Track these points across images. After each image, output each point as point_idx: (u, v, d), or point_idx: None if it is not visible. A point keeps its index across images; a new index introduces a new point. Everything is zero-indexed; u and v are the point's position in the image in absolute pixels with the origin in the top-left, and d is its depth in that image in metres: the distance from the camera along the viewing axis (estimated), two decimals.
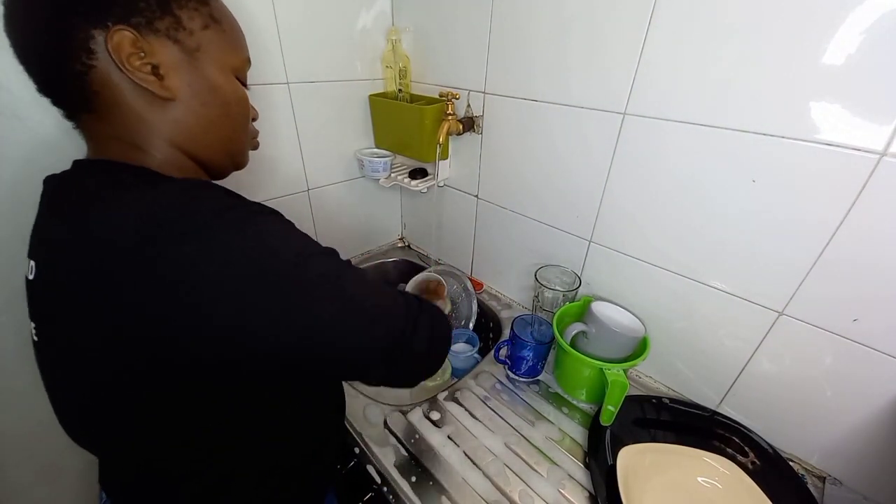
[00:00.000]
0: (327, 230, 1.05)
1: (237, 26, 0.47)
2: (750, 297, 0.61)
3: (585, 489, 0.59)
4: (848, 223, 0.50)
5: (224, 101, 0.44)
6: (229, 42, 0.44)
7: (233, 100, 0.45)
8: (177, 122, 0.42)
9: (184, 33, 0.40)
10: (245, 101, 0.48)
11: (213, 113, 0.44)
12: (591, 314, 0.69)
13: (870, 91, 0.45)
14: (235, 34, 0.46)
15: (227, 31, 0.44)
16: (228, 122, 0.46)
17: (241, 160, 0.51)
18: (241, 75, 0.47)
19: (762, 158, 0.54)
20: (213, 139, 0.45)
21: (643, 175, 0.66)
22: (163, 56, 0.39)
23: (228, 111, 0.45)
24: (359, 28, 0.89)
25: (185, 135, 0.43)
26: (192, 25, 0.40)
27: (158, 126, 0.41)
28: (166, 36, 0.39)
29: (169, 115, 0.41)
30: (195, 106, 0.42)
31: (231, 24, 0.45)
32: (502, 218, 0.92)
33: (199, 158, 0.45)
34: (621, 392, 0.61)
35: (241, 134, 0.48)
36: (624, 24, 0.60)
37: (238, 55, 0.46)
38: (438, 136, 0.83)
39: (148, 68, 0.38)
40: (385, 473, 0.61)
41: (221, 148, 0.47)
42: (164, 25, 0.38)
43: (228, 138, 0.47)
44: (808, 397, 0.60)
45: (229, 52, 0.44)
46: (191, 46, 0.40)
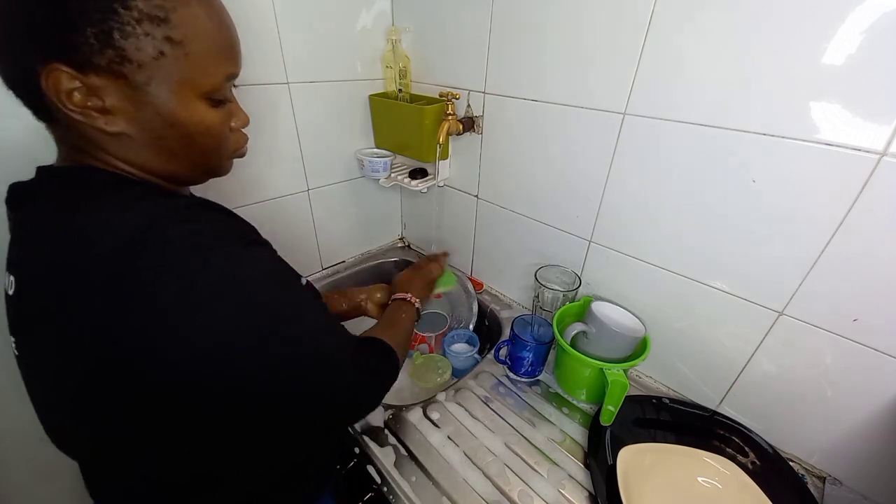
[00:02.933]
0: (327, 230, 1.05)
1: (214, 39, 0.39)
2: (750, 297, 0.61)
3: (585, 489, 0.59)
4: (848, 223, 0.50)
5: (184, 133, 0.40)
6: (197, 64, 0.38)
7: (196, 131, 0.40)
8: (132, 151, 0.39)
9: (130, 67, 0.34)
10: (215, 128, 0.42)
11: (173, 145, 0.40)
12: (592, 314, 0.69)
13: (870, 91, 0.45)
14: (209, 51, 0.38)
15: (193, 52, 0.37)
16: (194, 149, 0.42)
17: (218, 173, 0.47)
18: (217, 94, 0.41)
19: (762, 158, 0.54)
20: (176, 164, 0.42)
21: (643, 175, 0.66)
22: (107, 93, 0.35)
23: (191, 142, 0.41)
24: (359, 28, 0.89)
25: (143, 162, 0.40)
26: (141, 57, 0.35)
27: (114, 152, 0.39)
28: (108, 71, 0.34)
29: (122, 144, 0.38)
30: (150, 139, 0.39)
31: (203, 41, 0.38)
32: (502, 218, 0.92)
33: (164, 176, 0.42)
34: (621, 392, 0.61)
35: (210, 157, 0.44)
36: (624, 25, 0.60)
37: (210, 77, 0.39)
38: (438, 136, 0.83)
39: (92, 104, 0.35)
40: (385, 473, 0.61)
41: (188, 170, 0.43)
42: (105, 60, 0.34)
43: (194, 163, 0.43)
44: (809, 397, 0.60)
45: (197, 76, 0.38)
46: (139, 80, 0.35)
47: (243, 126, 0.46)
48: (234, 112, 0.45)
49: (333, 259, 1.11)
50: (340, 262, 1.13)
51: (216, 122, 0.42)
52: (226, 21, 0.41)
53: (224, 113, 0.43)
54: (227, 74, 0.41)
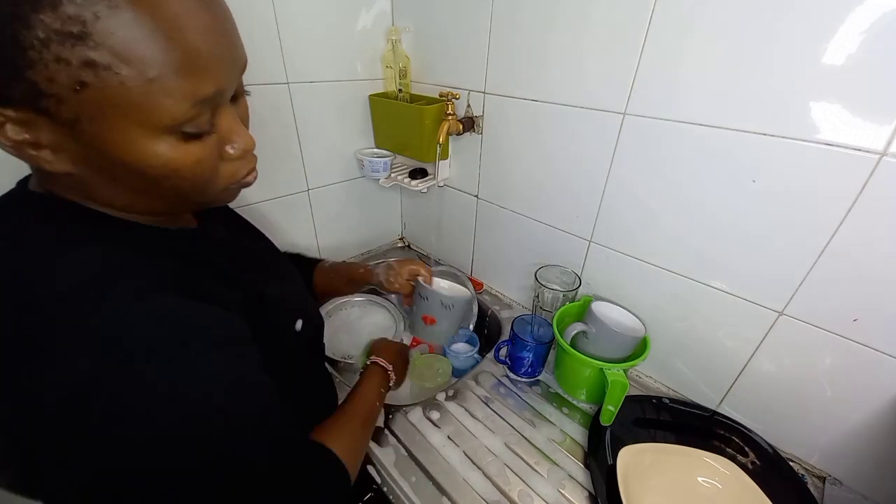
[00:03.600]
0: (327, 230, 1.05)
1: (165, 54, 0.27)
2: (750, 297, 0.61)
3: (585, 489, 0.59)
4: (848, 223, 0.50)
5: (142, 174, 0.31)
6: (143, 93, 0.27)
7: (160, 174, 0.31)
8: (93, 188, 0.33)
9: (48, 101, 0.26)
10: (187, 168, 0.32)
11: (132, 184, 0.32)
12: (592, 314, 0.69)
13: (870, 91, 0.45)
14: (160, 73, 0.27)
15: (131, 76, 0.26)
16: (164, 189, 0.33)
17: (213, 205, 0.39)
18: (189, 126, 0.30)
19: (762, 158, 0.54)
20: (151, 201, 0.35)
21: (643, 175, 0.66)
22: (36, 129, 0.28)
23: (160, 183, 0.32)
24: (359, 28, 0.89)
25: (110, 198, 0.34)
26: (56, 90, 0.26)
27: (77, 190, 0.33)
28: (29, 107, 0.27)
29: (78, 181, 0.32)
30: (103, 179, 0.32)
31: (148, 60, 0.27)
32: (502, 218, 0.92)
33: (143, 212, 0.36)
34: (621, 392, 0.61)
35: (191, 196, 0.35)
36: (624, 24, 0.60)
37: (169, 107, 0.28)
38: (438, 136, 0.83)
39: (22, 138, 0.28)
40: (385, 473, 0.61)
41: (167, 206, 0.36)
42: (20, 93, 0.26)
43: (171, 201, 0.35)
44: (808, 397, 0.60)
45: (145, 108, 0.28)
46: (67, 117, 0.27)
47: (245, 151, 0.36)
48: (228, 136, 0.35)
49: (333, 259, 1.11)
50: (340, 262, 1.12)
51: (186, 162, 0.31)
52: (190, 22, 0.28)
53: (205, 146, 0.33)
54: (196, 98, 0.29)
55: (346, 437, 0.50)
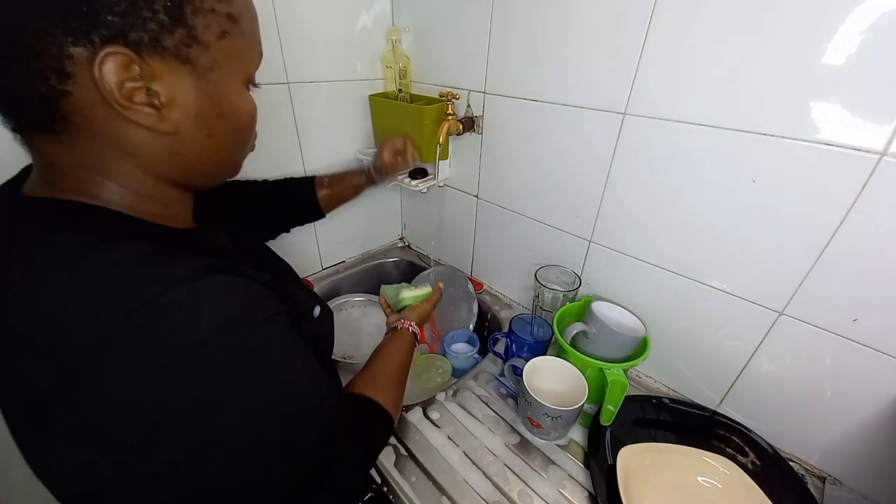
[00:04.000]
0: (327, 230, 1.05)
1: (254, 16, 0.37)
2: (750, 297, 0.61)
3: (585, 489, 0.59)
4: (848, 223, 0.50)
5: (236, 126, 0.36)
6: (248, 45, 0.35)
7: (245, 122, 0.37)
8: (172, 154, 0.34)
9: (197, 49, 0.30)
10: (255, 114, 0.39)
11: (219, 142, 0.36)
12: (592, 314, 0.69)
13: (870, 91, 0.45)
14: (254, 30, 0.36)
15: (245, 31, 0.34)
16: (236, 146, 0.38)
17: (236, 171, 0.43)
18: (253, 80, 0.39)
19: (762, 158, 0.54)
20: (214, 167, 0.38)
21: (643, 175, 0.66)
22: (168, 82, 0.30)
23: (239, 136, 0.38)
24: (359, 28, 0.89)
25: (180, 167, 0.35)
26: (208, 37, 0.31)
27: (146, 159, 0.33)
28: (175, 56, 0.29)
29: (163, 147, 0.33)
30: (200, 138, 0.34)
31: (251, 17, 0.36)
32: (502, 218, 0.92)
33: (190, 185, 0.38)
34: (621, 392, 0.61)
35: (244, 149, 0.41)
36: (624, 24, 0.60)
37: (255, 58, 0.37)
38: (438, 136, 0.83)
39: (144, 97, 0.29)
40: (385, 473, 0.61)
41: (220, 172, 0.40)
42: (174, 41, 0.29)
43: (231, 161, 0.40)
44: (808, 397, 0.60)
45: (247, 59, 0.36)
46: (204, 65, 0.31)
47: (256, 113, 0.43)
48: None
49: (333, 259, 1.11)
50: (340, 262, 1.13)
51: (255, 109, 0.38)
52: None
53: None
54: (260, 53, 0.38)
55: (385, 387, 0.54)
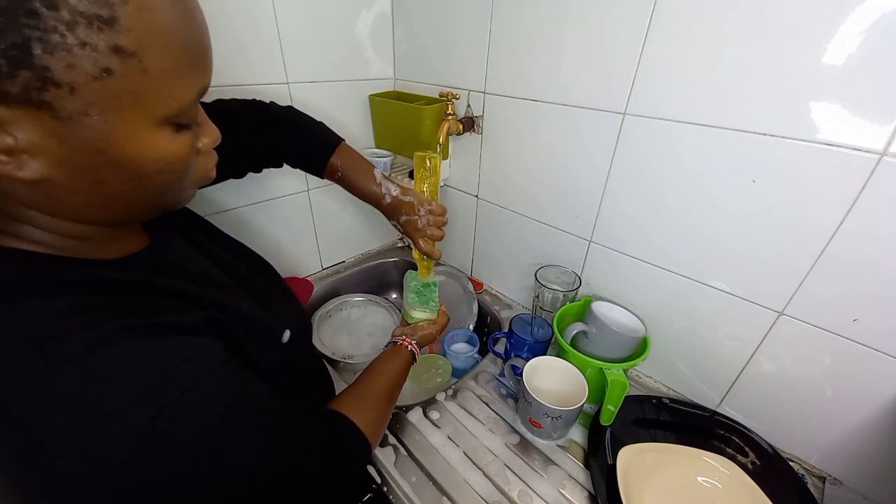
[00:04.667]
0: (327, 230, 1.05)
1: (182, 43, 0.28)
2: (750, 297, 0.61)
3: (585, 489, 0.59)
4: (848, 223, 0.50)
5: (135, 174, 0.30)
6: (160, 82, 0.28)
7: (154, 168, 0.30)
8: (56, 200, 0.29)
9: (56, 92, 0.24)
10: (179, 160, 0.32)
11: (115, 188, 0.30)
12: (592, 314, 0.69)
13: (870, 91, 0.45)
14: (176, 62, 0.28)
15: (153, 65, 0.27)
16: (146, 190, 0.32)
17: (177, 206, 0.37)
18: (184, 118, 0.31)
19: (762, 158, 0.54)
20: (119, 209, 0.32)
21: (643, 175, 0.66)
22: (22, 128, 0.25)
23: (144, 182, 0.31)
24: (359, 28, 0.89)
25: (72, 211, 0.31)
26: (74, 77, 0.24)
27: (31, 203, 0.29)
28: (24, 101, 0.24)
29: (41, 193, 0.28)
30: (82, 185, 0.29)
31: (168, 49, 0.27)
32: (502, 218, 0.92)
33: (100, 223, 0.33)
34: (621, 392, 0.61)
35: (170, 193, 0.34)
36: (624, 25, 0.60)
37: (177, 97, 0.29)
38: (438, 136, 0.83)
39: None
40: (385, 473, 0.61)
41: (136, 212, 0.34)
42: (19, 87, 0.23)
43: (146, 203, 0.33)
44: (808, 397, 0.60)
45: (158, 98, 0.28)
46: (72, 110, 0.25)
47: (214, 144, 0.36)
48: (202, 129, 0.35)
49: (333, 259, 1.11)
50: (340, 262, 1.13)
51: (180, 154, 0.32)
52: (196, 16, 0.30)
53: (190, 137, 0.33)
54: (199, 89, 0.31)
55: (368, 409, 0.50)
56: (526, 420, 0.67)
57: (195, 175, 0.36)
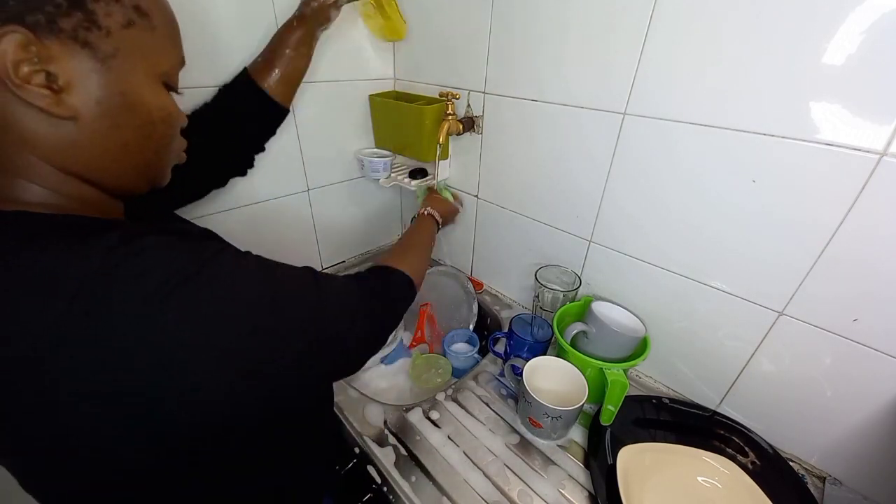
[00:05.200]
0: (327, 230, 1.05)
1: (172, 18, 0.38)
2: (750, 297, 0.61)
3: (585, 489, 0.59)
4: (848, 223, 0.50)
5: (145, 119, 0.35)
6: (160, 42, 0.36)
7: (157, 117, 0.36)
8: (75, 145, 0.33)
9: (97, 34, 0.31)
10: (173, 118, 0.38)
11: (127, 136, 0.35)
12: (592, 314, 0.69)
13: (870, 91, 0.45)
14: (169, 29, 0.37)
15: (157, 27, 0.35)
16: (147, 143, 0.37)
17: (160, 181, 0.41)
18: (171, 80, 0.38)
19: (762, 158, 0.54)
20: (124, 165, 0.36)
21: (643, 175, 0.66)
22: (65, 64, 0.30)
23: (149, 131, 0.36)
24: (359, 28, 0.89)
25: (86, 160, 0.34)
26: (110, 23, 0.31)
27: (48, 151, 0.32)
28: (73, 38, 0.30)
29: (65, 136, 0.32)
30: (103, 128, 0.33)
31: (164, 18, 0.36)
32: (502, 218, 0.92)
33: (102, 185, 0.36)
34: (621, 392, 0.61)
35: (162, 154, 0.39)
36: (624, 24, 0.60)
37: (170, 57, 0.37)
38: (438, 136, 0.83)
39: (41, 78, 0.29)
40: (385, 473, 0.61)
41: (134, 173, 0.38)
42: (72, 24, 0.29)
43: (145, 162, 0.38)
44: (808, 397, 0.60)
45: (159, 56, 0.36)
46: (106, 51, 0.31)
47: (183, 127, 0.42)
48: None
49: (333, 259, 1.11)
50: (340, 262, 1.13)
51: (174, 111, 0.38)
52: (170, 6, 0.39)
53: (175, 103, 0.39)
54: (180, 58, 0.39)
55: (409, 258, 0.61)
56: (526, 420, 0.67)
57: (176, 148, 0.42)
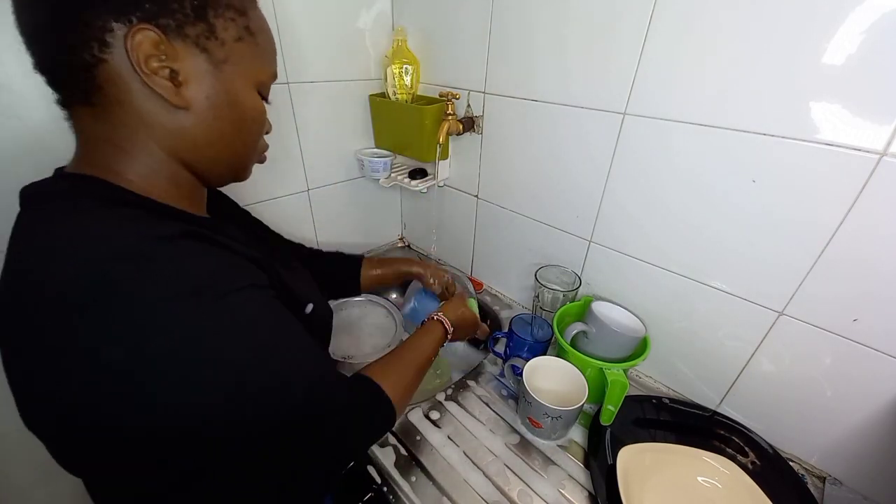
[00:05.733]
0: (327, 230, 1.05)
1: (272, 40, 0.45)
2: (750, 297, 0.61)
3: (585, 489, 0.59)
4: (848, 223, 0.50)
5: (241, 116, 0.42)
6: (260, 57, 0.42)
7: (250, 116, 0.43)
8: (183, 131, 0.39)
9: (214, 43, 0.37)
10: (262, 118, 0.45)
11: (225, 127, 0.41)
12: (592, 314, 0.69)
13: (870, 91, 0.45)
14: (268, 48, 0.44)
15: (260, 44, 0.42)
16: (239, 137, 0.44)
17: (244, 174, 0.48)
18: (263, 90, 0.45)
19: (762, 158, 0.54)
20: (219, 153, 0.43)
21: (643, 175, 0.66)
22: (186, 63, 0.36)
23: (242, 127, 0.43)
24: (359, 28, 0.89)
25: (189, 145, 0.40)
26: (225, 36, 0.38)
27: (161, 133, 0.38)
28: (195, 43, 0.36)
29: (176, 123, 0.38)
30: (208, 118, 0.40)
31: (266, 39, 0.43)
32: (502, 218, 0.92)
33: (197, 170, 0.43)
34: (621, 392, 0.61)
35: (250, 150, 0.46)
36: (624, 24, 0.60)
37: (266, 70, 0.44)
38: (438, 136, 0.83)
39: (166, 72, 0.35)
40: (385, 473, 0.61)
41: (225, 162, 0.44)
42: (195, 32, 0.36)
43: (235, 153, 0.45)
44: (808, 397, 0.60)
45: (258, 67, 0.42)
46: (219, 57, 0.38)
47: (268, 132, 0.49)
48: None
49: None
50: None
51: (263, 112, 0.45)
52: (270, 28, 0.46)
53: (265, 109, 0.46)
54: (274, 72, 0.46)
55: (395, 375, 0.54)
56: (526, 420, 0.67)
57: (260, 149, 0.48)
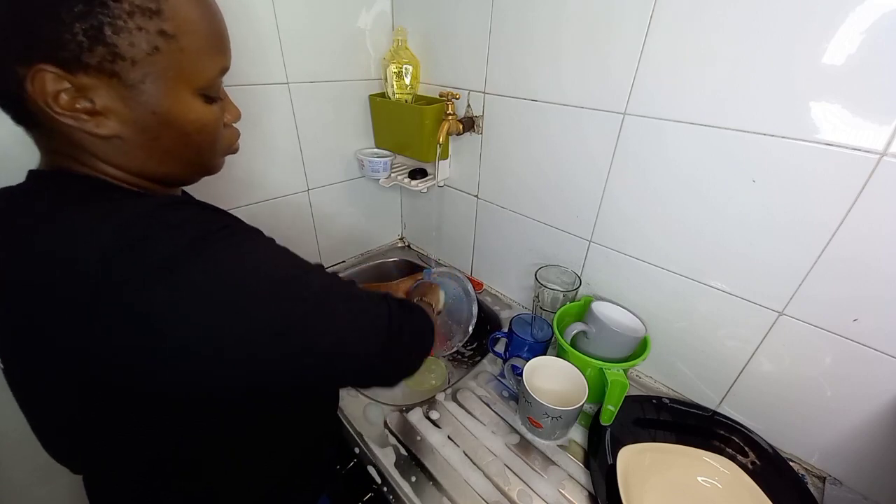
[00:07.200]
0: (327, 230, 1.05)
1: (210, 30, 0.38)
2: (750, 297, 0.61)
3: (585, 489, 0.59)
4: (848, 223, 0.50)
5: (181, 131, 0.38)
6: (192, 59, 0.36)
7: (192, 129, 0.39)
8: (125, 153, 0.37)
9: (123, 64, 0.33)
10: (211, 125, 0.41)
11: (167, 144, 0.38)
12: (592, 314, 0.69)
13: (870, 91, 0.45)
14: (202, 45, 0.37)
15: (187, 46, 0.35)
16: (188, 148, 0.40)
17: (211, 170, 0.45)
18: (210, 91, 0.39)
19: (762, 158, 0.54)
20: (171, 168, 0.40)
21: (643, 175, 0.66)
22: (99, 93, 0.33)
23: (188, 140, 0.39)
24: (359, 28, 0.89)
25: (137, 164, 0.38)
26: (134, 53, 0.33)
27: (104, 156, 0.36)
28: (99, 70, 0.32)
29: (116, 148, 0.36)
30: (145, 141, 0.37)
31: (197, 34, 0.36)
32: (502, 218, 0.92)
33: (157, 179, 0.41)
34: (621, 392, 0.61)
35: (205, 154, 0.43)
36: (624, 25, 0.60)
37: (205, 72, 0.38)
38: (438, 136, 0.83)
39: (85, 105, 0.33)
40: (385, 473, 0.61)
41: (182, 169, 0.42)
42: (95, 59, 0.32)
43: (189, 162, 0.42)
44: (808, 397, 0.60)
45: (191, 72, 0.37)
46: (134, 78, 0.33)
47: (235, 120, 0.46)
48: (227, 107, 0.44)
49: (333, 259, 1.11)
50: (340, 262, 1.13)
51: (211, 119, 0.40)
52: (216, 11, 0.39)
53: (218, 109, 0.41)
54: (220, 68, 0.39)
55: None
56: (526, 420, 0.67)
57: (224, 143, 0.44)
